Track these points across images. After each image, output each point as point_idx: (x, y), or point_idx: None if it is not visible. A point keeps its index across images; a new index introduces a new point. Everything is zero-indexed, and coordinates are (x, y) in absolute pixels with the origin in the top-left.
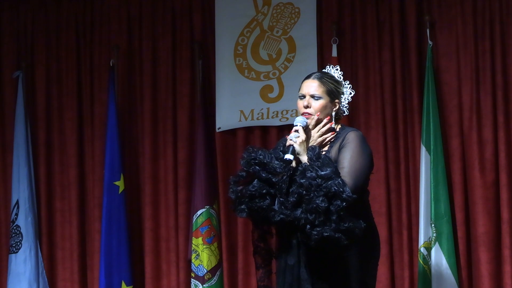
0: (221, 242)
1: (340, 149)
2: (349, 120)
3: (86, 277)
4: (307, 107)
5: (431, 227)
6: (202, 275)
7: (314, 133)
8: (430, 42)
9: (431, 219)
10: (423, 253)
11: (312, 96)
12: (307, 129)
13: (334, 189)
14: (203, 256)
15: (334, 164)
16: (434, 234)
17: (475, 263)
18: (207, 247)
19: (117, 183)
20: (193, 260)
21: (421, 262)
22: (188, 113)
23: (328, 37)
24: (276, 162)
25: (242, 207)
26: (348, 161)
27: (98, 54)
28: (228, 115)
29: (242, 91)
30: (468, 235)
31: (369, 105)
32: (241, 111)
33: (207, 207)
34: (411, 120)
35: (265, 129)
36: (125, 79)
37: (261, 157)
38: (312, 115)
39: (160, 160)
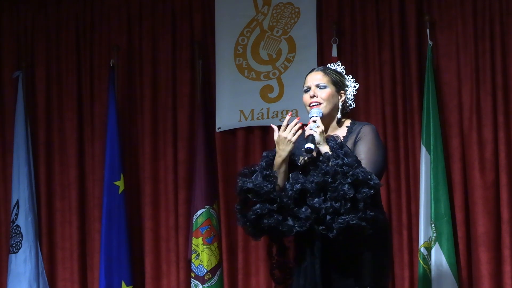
0: (221, 242)
1: (356, 142)
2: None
3: (86, 277)
4: (313, 96)
5: (431, 227)
6: (202, 275)
7: (287, 134)
8: (430, 42)
9: (431, 219)
10: (423, 253)
11: (318, 86)
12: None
13: (362, 176)
14: (203, 256)
15: (355, 154)
16: (434, 234)
17: (475, 263)
18: (207, 247)
19: (117, 183)
20: (193, 260)
21: (421, 262)
22: (188, 113)
23: (328, 37)
24: (264, 183)
25: (253, 231)
26: (366, 153)
27: (98, 54)
28: (228, 115)
29: (242, 91)
30: (468, 235)
31: (369, 105)
32: (241, 111)
33: (207, 207)
34: (411, 120)
35: (265, 129)
36: (125, 79)
37: (249, 185)
38: (320, 103)
39: (160, 160)
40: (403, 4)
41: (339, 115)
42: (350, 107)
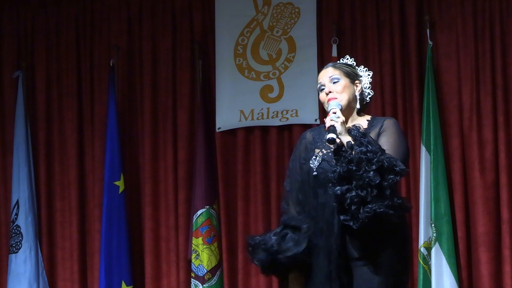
0: (221, 242)
1: (379, 134)
2: None
3: (86, 277)
4: (329, 92)
5: (431, 227)
6: (202, 275)
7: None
8: (430, 42)
9: (431, 219)
10: (423, 253)
11: (331, 81)
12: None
13: (387, 162)
14: (203, 256)
15: (378, 143)
16: (434, 234)
17: (475, 263)
18: (207, 247)
19: (117, 183)
20: (193, 260)
21: (421, 262)
22: (188, 113)
23: (328, 37)
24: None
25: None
26: (392, 145)
27: (98, 54)
28: (228, 115)
29: (242, 91)
30: (468, 235)
31: (369, 105)
32: (241, 111)
33: (207, 207)
34: (411, 120)
35: (265, 129)
36: (125, 79)
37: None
38: (335, 98)
39: (160, 160)
40: (403, 4)
41: (358, 106)
42: (369, 96)
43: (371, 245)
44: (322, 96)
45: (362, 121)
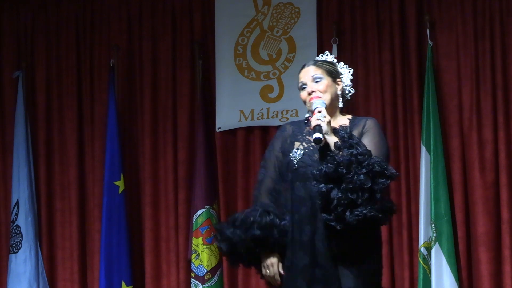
0: None
1: (362, 134)
2: None
3: (86, 277)
4: (312, 92)
5: (431, 227)
6: (202, 275)
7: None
8: (430, 42)
9: (431, 219)
10: (423, 253)
11: (313, 80)
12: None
13: (378, 166)
14: (203, 256)
15: (364, 145)
16: (434, 234)
17: (475, 263)
18: (207, 247)
19: (117, 183)
20: (193, 260)
21: (421, 262)
22: (188, 113)
23: (328, 37)
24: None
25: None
26: (376, 145)
27: (98, 54)
28: (228, 115)
29: (242, 91)
30: (468, 235)
31: (369, 105)
32: (241, 111)
33: (207, 207)
34: (411, 120)
35: (265, 129)
36: (125, 79)
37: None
38: (319, 97)
39: (160, 160)
40: (403, 4)
41: (340, 104)
42: (350, 94)
43: (348, 243)
44: (304, 94)
45: (344, 120)
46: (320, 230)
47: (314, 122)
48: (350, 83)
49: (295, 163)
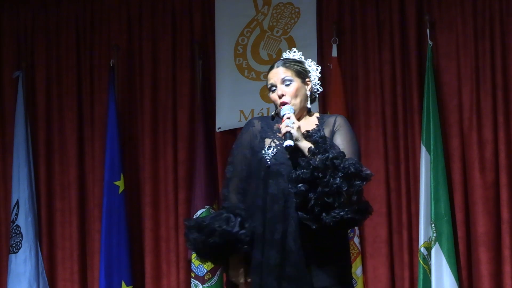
0: None
1: (333, 133)
2: (349, 120)
3: (86, 277)
4: (282, 95)
5: (431, 227)
6: (202, 275)
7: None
8: (430, 42)
9: (431, 219)
10: (423, 253)
11: (283, 82)
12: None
13: (353, 168)
14: None
15: (338, 147)
16: (434, 234)
17: (475, 263)
18: None
19: (117, 183)
20: (193, 260)
21: (421, 262)
22: (188, 113)
23: (328, 37)
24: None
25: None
26: (348, 143)
27: (98, 54)
28: (228, 115)
29: (242, 91)
30: (468, 235)
31: (369, 105)
32: (241, 111)
33: (207, 207)
34: (411, 120)
35: None
36: (125, 79)
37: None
38: (288, 102)
39: (160, 160)
40: (403, 4)
41: (309, 105)
42: (318, 92)
43: (320, 242)
44: (274, 96)
45: (312, 119)
46: (292, 228)
47: (283, 129)
48: (319, 82)
49: (268, 160)
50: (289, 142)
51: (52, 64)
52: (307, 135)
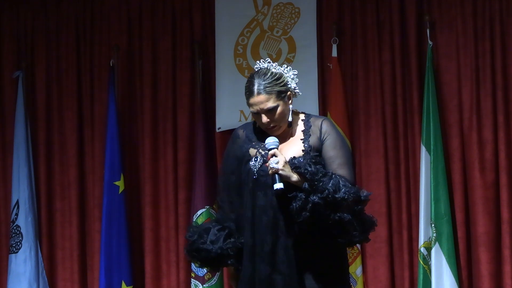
0: None
1: (322, 141)
2: (349, 120)
3: (86, 277)
4: (268, 123)
5: (431, 227)
6: (202, 275)
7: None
8: (430, 42)
9: (431, 219)
10: (423, 253)
11: (267, 112)
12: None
13: (352, 196)
14: None
15: (332, 173)
16: (434, 234)
17: (475, 263)
18: None
19: (117, 183)
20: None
21: (421, 262)
22: (188, 113)
23: (328, 37)
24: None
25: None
26: (339, 151)
27: (98, 54)
28: (228, 115)
29: (242, 91)
30: (468, 235)
31: (369, 105)
32: (241, 111)
33: (207, 207)
34: (411, 120)
35: None
36: (125, 79)
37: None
38: (276, 127)
39: (160, 160)
40: (403, 4)
41: (290, 118)
42: (299, 95)
43: (311, 252)
44: (258, 120)
45: (299, 126)
46: (281, 239)
47: (270, 170)
48: (296, 86)
49: (255, 171)
50: (279, 185)
51: (52, 64)
52: (295, 167)
